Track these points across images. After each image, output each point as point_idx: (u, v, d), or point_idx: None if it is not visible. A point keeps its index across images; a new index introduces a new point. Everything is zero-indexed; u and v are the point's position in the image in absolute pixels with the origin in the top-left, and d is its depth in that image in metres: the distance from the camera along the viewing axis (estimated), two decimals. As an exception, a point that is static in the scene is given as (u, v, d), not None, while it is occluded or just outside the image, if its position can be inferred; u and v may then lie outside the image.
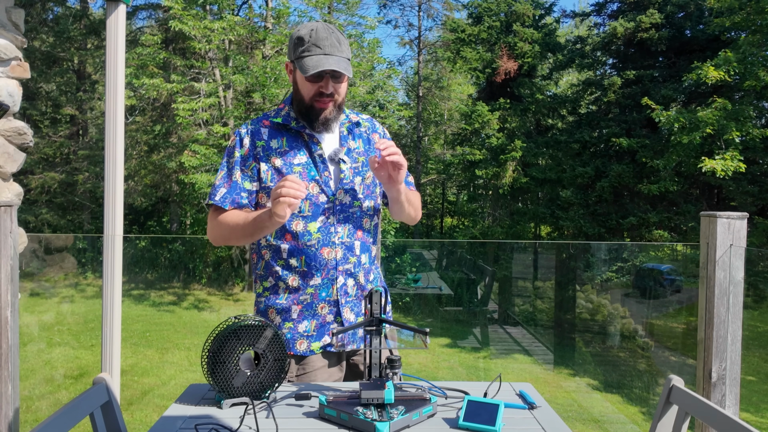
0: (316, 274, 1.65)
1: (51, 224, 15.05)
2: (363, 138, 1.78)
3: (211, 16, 12.31)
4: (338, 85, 1.64)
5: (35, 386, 6.28)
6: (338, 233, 1.66)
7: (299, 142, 1.69)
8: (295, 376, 1.69)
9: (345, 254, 1.67)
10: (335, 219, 1.66)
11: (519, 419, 1.45)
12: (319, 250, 1.64)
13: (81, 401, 1.38)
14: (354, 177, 1.69)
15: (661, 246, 12.68)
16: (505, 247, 11.79)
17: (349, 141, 1.74)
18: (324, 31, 1.59)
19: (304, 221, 1.64)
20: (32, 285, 10.42)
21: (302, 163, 1.66)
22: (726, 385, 2.03)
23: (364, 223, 1.72)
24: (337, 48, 1.60)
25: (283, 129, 1.70)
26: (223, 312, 11.14)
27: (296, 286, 1.66)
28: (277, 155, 1.66)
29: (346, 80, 1.66)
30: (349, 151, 1.72)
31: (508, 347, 9.09)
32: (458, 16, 21.61)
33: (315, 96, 1.63)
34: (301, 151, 1.67)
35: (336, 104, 1.66)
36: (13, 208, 1.97)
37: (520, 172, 15.02)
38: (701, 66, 9.54)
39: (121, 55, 3.16)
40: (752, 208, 11.92)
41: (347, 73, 1.60)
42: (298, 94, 1.67)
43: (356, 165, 1.71)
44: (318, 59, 1.57)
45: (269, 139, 1.68)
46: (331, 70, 1.58)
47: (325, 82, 1.61)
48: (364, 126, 1.80)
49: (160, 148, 15.09)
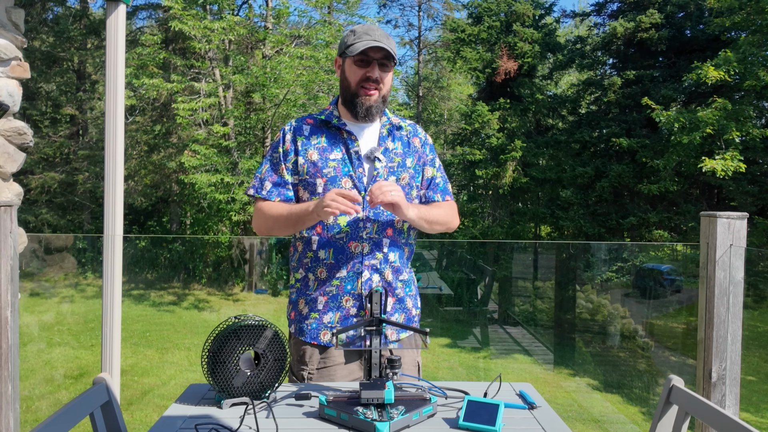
0: (342, 267, 1.70)
1: (51, 224, 15.05)
2: (402, 141, 1.81)
3: (211, 16, 12.30)
4: (384, 75, 1.71)
5: (35, 386, 6.28)
6: (366, 228, 1.70)
7: (338, 138, 1.76)
8: (316, 368, 1.72)
9: (372, 249, 1.71)
10: (365, 214, 1.70)
11: (519, 419, 1.45)
12: (347, 244, 1.69)
13: (81, 401, 1.38)
14: (388, 176, 1.73)
15: (661, 246, 12.68)
16: (505, 247, 11.78)
17: (387, 141, 1.78)
18: (375, 27, 1.71)
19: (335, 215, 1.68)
20: (32, 285, 10.42)
21: (338, 159, 1.73)
22: (726, 385, 2.03)
23: (396, 222, 1.74)
24: (386, 40, 1.69)
25: (324, 126, 1.78)
26: (223, 312, 11.13)
27: (324, 278, 1.72)
28: (315, 149, 1.74)
29: (392, 73, 1.75)
30: (386, 150, 1.76)
31: (508, 347, 9.09)
32: (458, 16, 21.62)
33: (361, 81, 1.70)
34: (338, 148, 1.74)
35: (380, 94, 1.73)
36: (13, 208, 1.97)
37: (520, 172, 15.01)
38: (701, 66, 9.54)
39: (121, 55, 3.16)
40: (752, 208, 11.91)
41: (394, 53, 1.68)
42: (345, 82, 1.75)
43: (392, 165, 1.75)
44: (367, 42, 1.66)
45: (310, 135, 1.76)
46: (380, 54, 1.67)
47: (372, 67, 1.69)
48: (405, 130, 1.84)
49: (160, 148, 15.09)
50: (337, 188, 1.61)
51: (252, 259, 13.05)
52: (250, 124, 12.77)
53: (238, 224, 12.97)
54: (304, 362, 1.74)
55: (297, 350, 1.77)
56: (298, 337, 1.77)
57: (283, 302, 12.08)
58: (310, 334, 1.74)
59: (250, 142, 13.32)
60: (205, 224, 14.70)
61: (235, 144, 12.26)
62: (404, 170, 1.77)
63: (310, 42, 12.75)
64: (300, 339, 1.76)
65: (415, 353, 1.83)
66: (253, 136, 13.27)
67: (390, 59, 1.71)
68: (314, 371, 1.72)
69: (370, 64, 1.69)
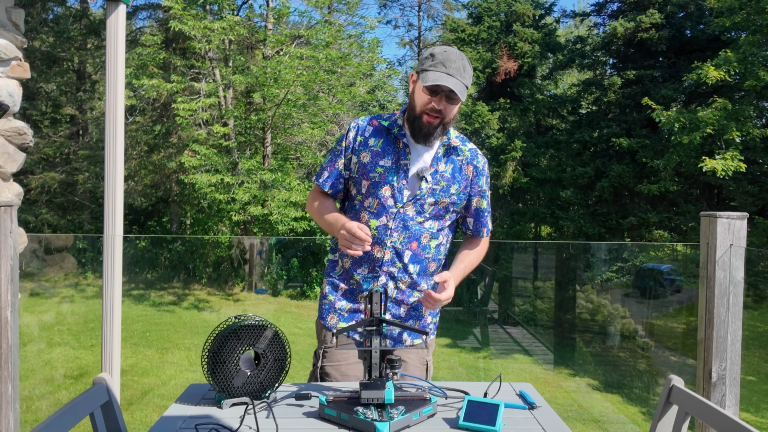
0: (364, 266, 1.79)
1: (51, 224, 15.05)
2: (455, 165, 1.84)
3: (211, 16, 12.30)
4: (450, 106, 1.74)
5: (35, 386, 6.28)
6: (392, 237, 1.77)
7: (393, 147, 1.82)
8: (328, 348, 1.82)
9: (393, 258, 1.78)
10: (394, 224, 1.77)
11: (519, 419, 1.45)
12: (372, 246, 1.76)
13: (81, 401, 1.38)
14: (428, 197, 1.79)
15: (661, 246, 12.68)
16: (505, 247, 11.78)
17: (440, 163, 1.82)
18: (454, 55, 1.71)
19: (369, 216, 1.79)
20: (32, 285, 10.42)
21: (386, 166, 1.79)
22: (726, 385, 2.03)
23: (423, 237, 1.80)
24: (461, 73, 1.70)
25: (384, 131, 1.84)
26: (223, 312, 11.13)
27: (348, 268, 1.83)
28: (369, 152, 1.82)
29: (458, 106, 1.77)
30: (435, 173, 1.80)
31: (508, 347, 9.09)
32: (458, 16, 21.60)
33: (426, 109, 1.74)
34: (389, 156, 1.81)
35: (442, 122, 1.76)
36: (13, 208, 1.97)
37: (520, 172, 15.02)
38: (701, 66, 9.53)
39: (121, 55, 3.16)
40: (752, 208, 11.91)
41: (461, 97, 1.71)
42: (413, 102, 1.79)
43: (436, 187, 1.80)
44: (440, 75, 1.68)
45: (369, 137, 1.84)
46: (448, 88, 1.69)
47: (439, 99, 1.72)
48: (463, 155, 1.86)
49: (160, 148, 15.09)
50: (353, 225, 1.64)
51: (252, 259, 13.06)
52: (250, 124, 12.77)
53: (238, 224, 12.97)
54: (320, 341, 1.87)
55: (318, 329, 1.91)
56: (320, 321, 1.90)
57: (283, 302, 12.09)
58: (321, 315, 1.87)
59: (250, 142, 13.32)
60: (205, 224, 14.70)
61: (235, 144, 12.26)
62: (446, 195, 1.81)
63: (310, 42, 12.75)
64: (321, 322, 1.88)
65: (424, 352, 1.88)
66: (253, 136, 13.27)
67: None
68: (328, 351, 1.82)
69: (438, 95, 1.72)
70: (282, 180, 11.43)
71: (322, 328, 1.87)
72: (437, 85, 1.68)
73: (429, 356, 1.91)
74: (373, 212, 1.78)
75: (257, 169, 11.63)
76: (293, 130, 13.03)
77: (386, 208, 1.77)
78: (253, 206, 11.53)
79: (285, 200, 11.24)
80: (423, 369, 1.87)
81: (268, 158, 12.90)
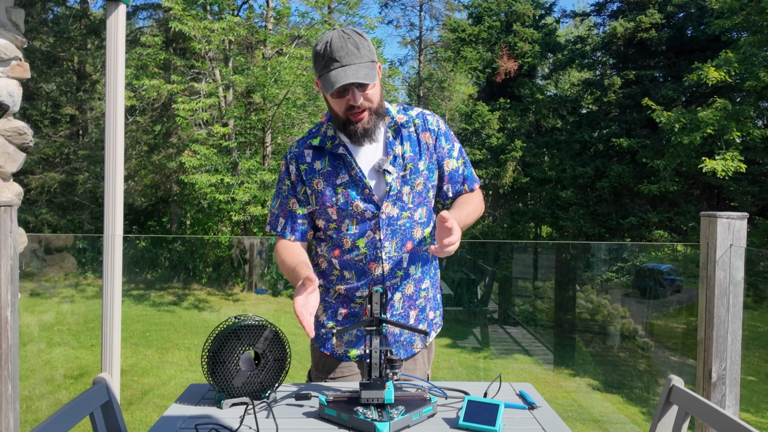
0: (362, 287, 1.65)
1: (51, 224, 15.05)
2: (412, 139, 1.66)
3: (211, 16, 12.30)
4: (368, 93, 1.54)
5: (35, 386, 6.28)
6: (385, 248, 1.62)
7: (339, 160, 1.62)
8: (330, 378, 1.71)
9: (392, 269, 1.64)
10: (381, 234, 1.61)
11: (519, 419, 1.45)
12: (367, 265, 1.63)
13: (81, 401, 1.38)
14: (402, 187, 1.62)
15: (661, 246, 12.68)
16: (505, 247, 11.78)
17: (395, 147, 1.63)
18: (338, 41, 1.48)
19: (352, 238, 1.63)
20: (32, 285, 10.42)
21: (344, 182, 1.61)
22: (726, 385, 2.03)
23: (415, 233, 1.66)
24: (356, 55, 1.48)
25: (322, 150, 1.65)
26: (223, 312, 11.14)
27: (344, 293, 1.68)
28: (320, 177, 1.63)
29: (378, 85, 1.56)
30: (395, 159, 1.62)
31: (508, 347, 9.09)
32: (459, 16, 21.62)
33: (347, 110, 1.55)
34: (342, 170, 1.62)
35: (372, 112, 1.57)
36: (13, 208, 1.97)
37: (520, 172, 15.01)
38: (702, 67, 9.53)
39: (121, 55, 3.16)
40: (752, 208, 11.91)
41: (368, 80, 1.49)
42: (332, 110, 1.60)
43: (404, 173, 1.62)
44: (336, 74, 1.47)
45: (312, 161, 1.65)
46: (349, 83, 1.48)
47: (351, 94, 1.51)
48: (413, 125, 1.67)
49: (160, 148, 15.09)
50: (296, 308, 1.32)
51: (252, 259, 13.06)
52: (250, 125, 12.77)
53: (238, 224, 12.97)
54: (319, 369, 1.74)
55: (314, 356, 1.78)
56: (314, 344, 1.76)
57: (283, 302, 12.08)
58: (322, 344, 1.74)
59: (250, 143, 13.33)
60: (205, 224, 14.71)
61: (235, 144, 12.26)
62: (417, 175, 1.64)
63: (310, 43, 12.76)
64: (316, 346, 1.76)
65: (426, 366, 1.80)
66: (253, 137, 13.28)
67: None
68: (329, 380, 1.71)
69: (348, 91, 1.51)
70: (282, 180, 11.43)
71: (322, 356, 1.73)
72: (339, 87, 1.48)
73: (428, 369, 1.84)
74: (354, 233, 1.62)
75: (257, 169, 11.64)
76: (293, 130, 13.04)
77: (366, 221, 1.61)
78: (253, 206, 11.54)
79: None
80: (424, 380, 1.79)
81: (268, 158, 12.91)
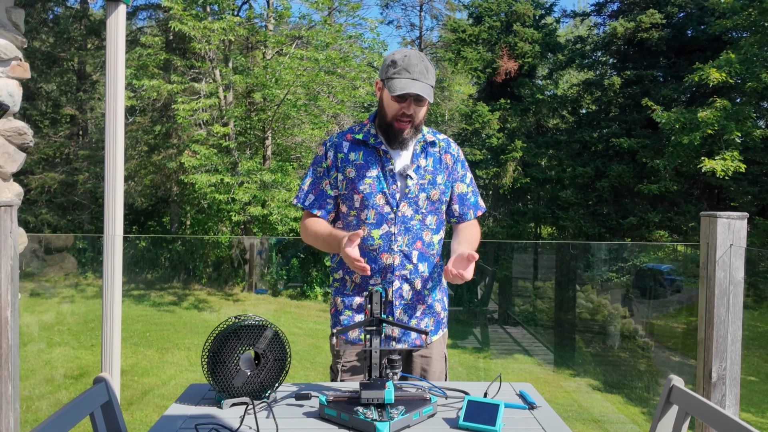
0: (376, 275, 1.84)
1: (51, 224, 15.05)
2: (435, 157, 1.91)
3: (211, 16, 12.30)
4: (419, 109, 1.80)
5: (35, 386, 6.28)
6: (398, 242, 1.83)
7: (374, 156, 1.87)
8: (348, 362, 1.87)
9: (402, 261, 1.83)
10: (396, 229, 1.82)
11: (519, 419, 1.45)
12: (380, 255, 1.82)
13: (81, 401, 1.38)
14: (419, 192, 1.85)
15: (662, 246, 12.68)
16: (505, 247, 11.77)
17: (420, 158, 1.88)
18: (415, 58, 1.76)
19: (369, 227, 1.83)
20: (32, 285, 10.41)
21: (373, 176, 1.84)
22: (726, 385, 2.03)
23: (425, 235, 1.87)
24: (425, 75, 1.75)
25: (362, 144, 1.89)
26: (223, 312, 11.13)
27: (359, 282, 1.87)
28: (353, 167, 1.86)
29: (427, 105, 1.82)
30: (418, 168, 1.86)
31: (508, 347, 9.09)
32: (459, 17, 21.61)
33: (397, 115, 1.80)
34: (374, 165, 1.86)
35: (413, 125, 1.82)
36: (13, 208, 1.97)
37: (520, 172, 15.01)
38: (702, 67, 9.52)
39: (121, 55, 3.16)
40: (752, 208, 11.91)
41: (429, 99, 1.76)
42: (383, 110, 1.84)
43: (423, 182, 1.86)
44: (406, 82, 1.73)
45: (348, 152, 1.88)
46: (415, 93, 1.73)
47: (408, 104, 1.77)
48: (438, 146, 1.93)
49: (161, 148, 15.09)
50: (351, 254, 1.61)
51: (252, 259, 13.05)
52: (251, 125, 12.77)
53: (238, 224, 12.97)
54: (338, 355, 1.89)
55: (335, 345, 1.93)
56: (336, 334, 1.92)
57: (283, 302, 12.08)
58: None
59: (250, 143, 13.32)
60: (205, 224, 14.70)
61: (235, 144, 12.26)
62: (434, 187, 1.87)
63: (310, 43, 12.76)
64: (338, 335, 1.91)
65: (442, 346, 1.97)
66: (253, 137, 13.28)
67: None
68: (347, 364, 1.86)
69: (406, 100, 1.77)
70: (282, 180, 11.44)
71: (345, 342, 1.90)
72: (405, 93, 1.73)
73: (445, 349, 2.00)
74: (372, 223, 1.83)
75: (257, 169, 11.63)
76: (293, 131, 13.04)
77: (384, 215, 1.82)
78: (253, 206, 11.53)
79: (285, 200, 11.25)
80: (442, 361, 1.95)
81: (269, 158, 12.91)
